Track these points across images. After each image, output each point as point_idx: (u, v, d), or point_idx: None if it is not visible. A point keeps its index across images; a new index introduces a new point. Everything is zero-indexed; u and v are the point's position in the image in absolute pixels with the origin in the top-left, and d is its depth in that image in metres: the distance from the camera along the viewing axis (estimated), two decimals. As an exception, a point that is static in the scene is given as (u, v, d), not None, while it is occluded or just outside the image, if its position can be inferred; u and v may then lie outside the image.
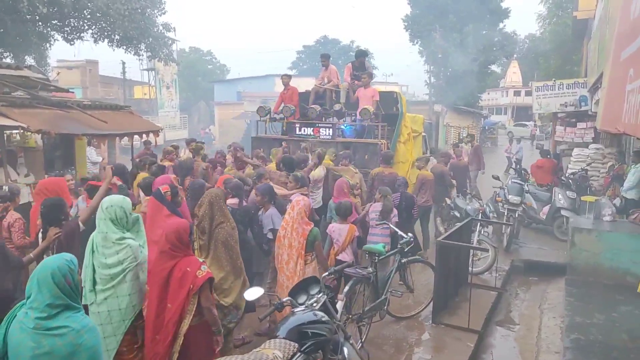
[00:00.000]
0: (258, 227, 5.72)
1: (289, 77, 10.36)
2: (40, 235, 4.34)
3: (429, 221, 8.91)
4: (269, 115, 10.05)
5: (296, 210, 5.03)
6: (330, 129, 9.33)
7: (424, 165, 8.88)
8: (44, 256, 4.11)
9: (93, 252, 3.61)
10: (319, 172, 7.57)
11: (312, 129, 9.43)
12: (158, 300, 3.67)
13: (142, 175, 6.74)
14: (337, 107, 9.55)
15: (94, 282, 3.58)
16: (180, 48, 41.45)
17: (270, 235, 5.61)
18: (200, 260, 3.81)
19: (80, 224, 4.36)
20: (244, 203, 5.88)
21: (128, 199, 3.81)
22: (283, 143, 9.30)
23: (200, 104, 47.47)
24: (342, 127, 9.39)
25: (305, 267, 4.95)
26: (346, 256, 5.69)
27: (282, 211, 5.49)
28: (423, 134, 12.26)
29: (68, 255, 2.57)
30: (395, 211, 6.58)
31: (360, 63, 10.28)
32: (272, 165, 7.88)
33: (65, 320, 2.40)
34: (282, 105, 9.94)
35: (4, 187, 5.75)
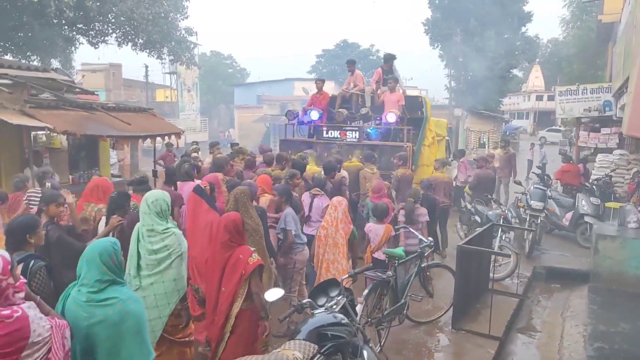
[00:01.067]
0: None
1: (323, 81, 10.79)
2: (102, 223, 4.65)
3: (446, 221, 8.96)
4: (296, 119, 10.34)
5: (340, 210, 5.37)
6: (357, 132, 9.53)
7: (440, 167, 8.94)
8: None
9: (139, 240, 3.82)
10: (340, 173, 7.68)
11: (339, 132, 9.68)
12: (217, 286, 3.96)
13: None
14: (363, 110, 9.80)
15: (139, 269, 3.76)
16: (202, 52, 41.94)
17: (281, 235, 5.65)
18: (252, 249, 4.05)
19: None
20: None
21: (167, 194, 4.08)
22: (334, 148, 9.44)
23: (221, 107, 47.98)
24: (368, 130, 9.56)
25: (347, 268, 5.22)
26: (382, 255, 5.82)
27: (297, 211, 5.64)
28: (446, 137, 12.36)
29: (112, 239, 2.95)
30: (424, 210, 6.76)
31: (389, 67, 10.56)
32: (311, 167, 7.97)
33: (113, 292, 2.75)
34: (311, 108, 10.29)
35: (47, 184, 6.05)
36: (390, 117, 9.19)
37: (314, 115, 9.93)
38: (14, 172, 8.27)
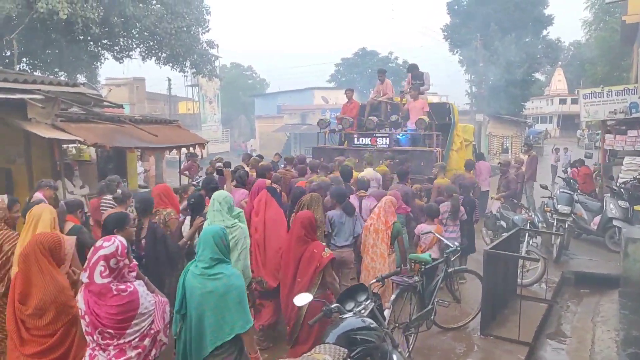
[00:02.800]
0: None
1: (352, 91, 11.37)
2: (186, 223, 5.22)
3: None
4: (328, 127, 10.80)
5: (383, 201, 5.82)
6: (387, 139, 9.90)
7: (439, 173, 8.72)
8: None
9: None
10: (371, 173, 8.02)
11: (369, 138, 10.05)
12: (292, 276, 4.46)
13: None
14: (393, 118, 10.17)
15: None
16: (222, 64, 42.53)
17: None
18: (323, 244, 4.53)
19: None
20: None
21: (231, 194, 4.85)
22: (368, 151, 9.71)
23: (241, 117, 48.47)
24: (398, 136, 9.88)
25: (387, 256, 5.59)
26: (433, 254, 6.00)
27: (349, 212, 5.94)
28: (473, 142, 12.55)
29: (220, 226, 3.58)
30: (462, 209, 7.18)
31: (416, 74, 10.94)
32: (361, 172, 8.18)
33: (221, 269, 3.30)
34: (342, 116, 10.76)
35: (118, 190, 6.48)
36: (418, 123, 9.50)
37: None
38: (46, 184, 8.53)
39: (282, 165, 10.05)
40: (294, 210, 5.35)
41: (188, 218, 5.25)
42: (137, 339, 3.03)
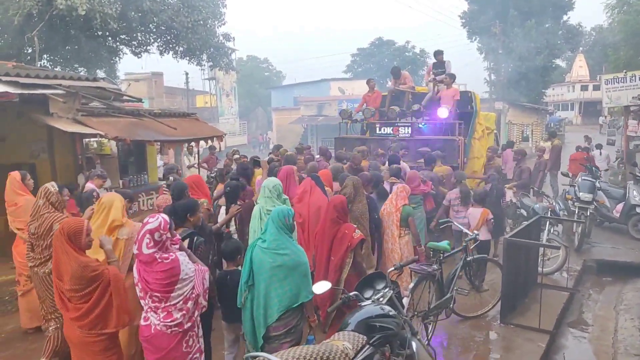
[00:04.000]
0: None
1: (374, 81, 11.51)
2: (222, 211, 5.64)
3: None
4: (350, 117, 10.90)
5: (395, 190, 6.13)
6: (409, 128, 10.05)
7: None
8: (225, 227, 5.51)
9: (260, 219, 4.85)
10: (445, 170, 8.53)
11: (391, 128, 10.20)
12: (327, 256, 4.76)
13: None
14: (415, 107, 10.24)
15: None
16: (239, 57, 42.63)
17: None
18: (354, 226, 4.80)
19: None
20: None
21: (280, 182, 5.28)
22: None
23: (258, 110, 48.62)
24: (420, 125, 10.05)
25: (399, 239, 5.86)
26: (482, 236, 6.35)
27: (383, 197, 6.31)
28: (495, 131, 12.56)
29: (287, 207, 4.22)
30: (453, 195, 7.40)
31: (439, 61, 10.95)
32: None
33: (287, 245, 3.84)
34: (364, 106, 10.86)
35: (170, 178, 6.77)
36: (442, 112, 9.59)
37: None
38: (68, 178, 8.71)
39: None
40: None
41: (224, 207, 5.64)
42: (181, 302, 3.44)
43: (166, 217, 3.50)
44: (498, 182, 8.23)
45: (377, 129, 10.50)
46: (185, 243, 3.94)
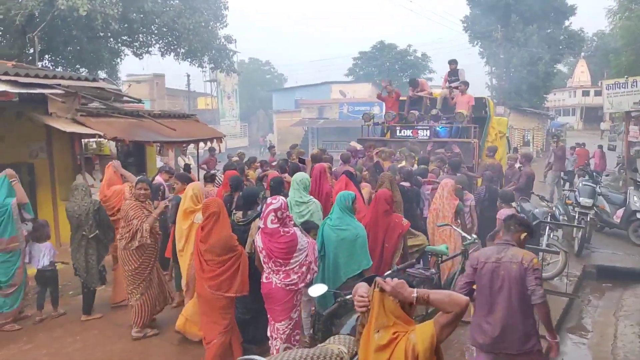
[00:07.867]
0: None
1: (390, 82, 12.30)
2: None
3: None
4: (372, 120, 11.44)
5: (446, 190, 6.52)
6: (428, 131, 10.61)
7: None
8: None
9: (291, 209, 5.14)
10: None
11: (411, 130, 10.76)
12: (380, 244, 5.25)
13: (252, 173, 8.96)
14: (433, 112, 10.82)
15: None
16: (240, 59, 42.69)
17: None
18: (401, 215, 5.52)
19: None
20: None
21: (308, 175, 6.03)
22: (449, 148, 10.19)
23: (259, 112, 48.60)
24: (438, 128, 10.50)
25: (454, 233, 6.27)
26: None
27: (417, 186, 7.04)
28: (507, 135, 12.98)
29: (350, 192, 5.15)
30: (471, 196, 7.54)
31: (453, 70, 11.61)
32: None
33: (349, 222, 4.84)
34: (385, 110, 11.69)
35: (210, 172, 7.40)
36: (458, 115, 10.11)
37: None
38: (67, 177, 8.71)
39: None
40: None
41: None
42: (297, 266, 4.20)
43: (284, 199, 4.27)
44: (491, 181, 8.14)
45: (398, 131, 11.03)
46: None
